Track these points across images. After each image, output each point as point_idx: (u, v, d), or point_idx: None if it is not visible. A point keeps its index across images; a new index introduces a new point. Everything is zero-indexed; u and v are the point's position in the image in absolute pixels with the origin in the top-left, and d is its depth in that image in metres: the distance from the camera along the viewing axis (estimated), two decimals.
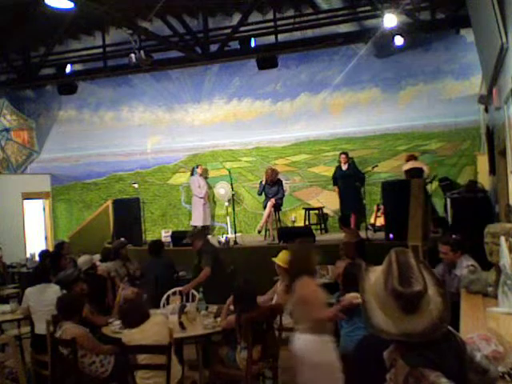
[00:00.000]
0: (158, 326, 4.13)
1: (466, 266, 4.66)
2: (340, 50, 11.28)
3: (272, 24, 10.52)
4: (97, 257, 7.14)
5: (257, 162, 12.15)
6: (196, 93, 12.62)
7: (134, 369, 4.08)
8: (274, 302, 6.35)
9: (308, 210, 11.20)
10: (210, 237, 11.05)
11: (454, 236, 5.32)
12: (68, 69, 11.37)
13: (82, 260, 6.48)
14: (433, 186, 9.97)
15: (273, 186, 10.39)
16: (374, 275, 1.84)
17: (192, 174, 12.19)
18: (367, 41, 10.17)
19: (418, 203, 7.57)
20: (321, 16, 10.60)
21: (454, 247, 5.00)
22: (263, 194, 10.55)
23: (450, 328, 1.80)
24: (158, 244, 7.44)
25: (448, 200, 8.34)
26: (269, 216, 10.27)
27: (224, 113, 12.50)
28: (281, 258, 5.45)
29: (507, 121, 5.23)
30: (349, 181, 10.37)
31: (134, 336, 4.07)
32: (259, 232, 10.61)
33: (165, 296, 5.96)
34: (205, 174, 12.23)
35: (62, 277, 5.43)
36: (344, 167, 10.52)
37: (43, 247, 12.25)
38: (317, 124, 11.77)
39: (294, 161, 12.00)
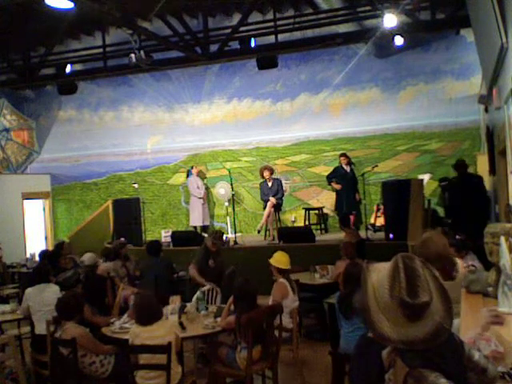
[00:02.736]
0: (166, 330, 4.12)
1: (467, 266, 4.66)
2: (340, 50, 11.28)
3: (272, 24, 10.51)
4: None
5: (257, 162, 12.15)
6: (196, 93, 12.62)
7: (134, 369, 4.08)
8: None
9: (308, 210, 11.20)
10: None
11: (457, 237, 5.33)
12: (68, 69, 11.35)
13: (88, 256, 6.52)
14: (432, 186, 10.00)
15: (272, 186, 10.40)
16: (377, 276, 1.83)
17: (188, 176, 12.19)
18: (367, 41, 10.17)
19: (417, 203, 7.57)
20: (321, 16, 10.59)
21: (458, 248, 5.00)
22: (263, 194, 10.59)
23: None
24: (156, 244, 7.43)
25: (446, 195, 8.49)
26: (269, 215, 10.28)
27: (224, 113, 12.51)
28: (277, 260, 5.51)
29: (507, 121, 5.23)
30: (351, 182, 10.41)
31: (141, 334, 4.07)
32: (259, 232, 10.62)
33: None
34: (201, 175, 12.23)
35: (62, 280, 5.43)
36: (347, 168, 10.53)
37: (43, 247, 12.26)
38: (317, 124, 11.77)
39: (294, 161, 12.01)
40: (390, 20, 8.79)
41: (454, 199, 8.13)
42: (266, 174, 10.46)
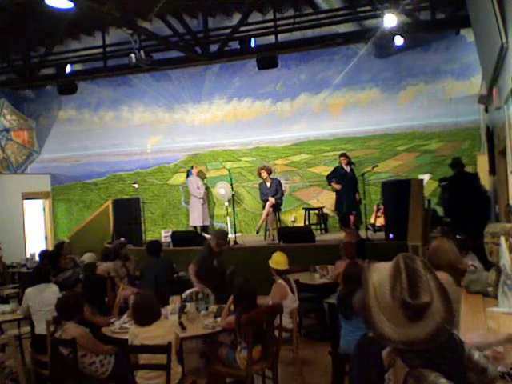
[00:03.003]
0: (165, 330, 4.11)
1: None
2: (340, 50, 11.28)
3: (272, 24, 10.51)
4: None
5: (257, 162, 12.14)
6: (196, 93, 12.62)
7: (134, 369, 4.08)
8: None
9: (308, 210, 11.20)
10: (208, 236, 11.11)
11: (458, 236, 5.32)
12: (68, 69, 11.35)
13: (88, 256, 6.53)
14: (432, 186, 9.99)
15: (271, 186, 10.38)
16: (378, 276, 1.83)
17: (188, 176, 12.19)
18: (367, 41, 10.17)
19: (417, 203, 7.57)
20: (321, 16, 10.59)
21: (459, 247, 4.97)
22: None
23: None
24: (156, 244, 7.43)
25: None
26: (267, 215, 10.26)
27: (224, 113, 12.50)
28: (275, 261, 5.54)
29: (507, 121, 5.23)
30: (351, 182, 10.40)
31: (140, 334, 4.07)
32: (257, 232, 10.60)
33: None
34: (201, 175, 12.23)
35: (62, 280, 5.43)
36: (347, 168, 10.52)
37: (43, 247, 12.26)
38: (317, 124, 11.77)
39: (294, 161, 12.00)
40: (390, 20, 8.79)
41: (451, 197, 8.22)
42: (264, 174, 10.44)
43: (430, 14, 9.47)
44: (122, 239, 8.30)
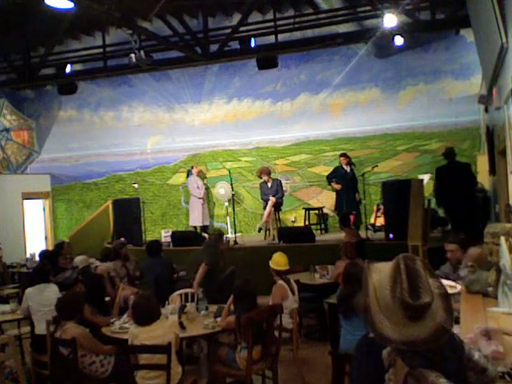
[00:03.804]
0: (165, 330, 4.11)
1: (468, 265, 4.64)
2: (340, 50, 11.29)
3: (272, 24, 10.50)
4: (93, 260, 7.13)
5: (257, 162, 12.15)
6: (196, 93, 12.63)
7: (134, 369, 4.08)
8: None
9: (308, 210, 11.20)
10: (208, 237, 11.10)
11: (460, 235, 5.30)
12: (68, 69, 11.35)
13: (80, 259, 6.53)
14: (432, 186, 9.97)
15: (272, 186, 10.38)
16: (378, 276, 1.83)
17: (188, 176, 12.19)
18: (367, 41, 10.17)
19: (417, 203, 7.57)
20: (321, 16, 10.59)
21: (462, 245, 4.96)
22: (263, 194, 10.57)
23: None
24: (156, 244, 7.44)
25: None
26: (269, 214, 10.26)
27: (224, 113, 12.51)
28: (275, 262, 5.55)
29: (507, 121, 5.23)
30: (351, 182, 10.40)
31: (140, 334, 4.07)
32: (259, 230, 10.58)
33: None
34: (201, 175, 12.22)
35: (61, 280, 5.44)
36: (347, 168, 10.51)
37: (43, 247, 12.26)
38: (317, 124, 11.78)
39: (294, 161, 12.01)
40: (390, 20, 8.79)
41: (442, 185, 8.37)
42: (265, 177, 10.42)
43: (430, 14, 9.47)
44: (122, 239, 8.30)
